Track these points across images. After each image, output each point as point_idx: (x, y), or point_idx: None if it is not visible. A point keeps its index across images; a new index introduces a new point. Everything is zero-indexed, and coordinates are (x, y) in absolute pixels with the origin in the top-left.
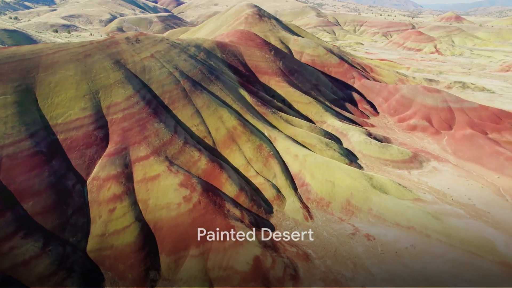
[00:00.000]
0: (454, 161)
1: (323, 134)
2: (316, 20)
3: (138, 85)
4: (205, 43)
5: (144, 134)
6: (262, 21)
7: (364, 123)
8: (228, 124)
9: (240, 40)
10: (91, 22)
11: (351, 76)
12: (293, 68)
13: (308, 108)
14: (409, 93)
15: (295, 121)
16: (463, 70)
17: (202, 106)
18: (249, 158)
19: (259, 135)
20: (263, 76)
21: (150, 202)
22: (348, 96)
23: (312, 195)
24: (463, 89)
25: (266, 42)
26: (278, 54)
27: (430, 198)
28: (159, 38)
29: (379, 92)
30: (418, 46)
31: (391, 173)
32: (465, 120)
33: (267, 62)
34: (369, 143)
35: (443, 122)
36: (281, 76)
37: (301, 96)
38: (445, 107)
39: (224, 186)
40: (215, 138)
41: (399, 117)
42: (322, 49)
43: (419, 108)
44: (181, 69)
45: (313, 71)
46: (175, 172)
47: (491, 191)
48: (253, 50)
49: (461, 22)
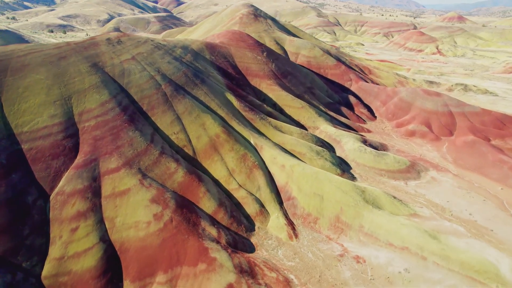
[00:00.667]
0: (455, 170)
1: (314, 141)
2: (316, 20)
3: (115, 89)
4: (193, 44)
5: (117, 143)
6: (257, 21)
7: (360, 129)
8: (211, 131)
9: (231, 41)
10: (89, 22)
11: (348, 78)
12: (286, 70)
13: (301, 113)
14: (408, 96)
15: (285, 127)
16: (465, 72)
17: (183, 112)
18: (232, 169)
19: (244, 143)
20: (254, 78)
21: (117, 220)
22: (344, 99)
23: (298, 210)
24: (465, 91)
25: (259, 43)
26: (271, 55)
27: (428, 213)
28: (143, 39)
29: (377, 95)
30: (420, 47)
31: (386, 184)
32: (467, 125)
33: (259, 64)
34: (363, 151)
35: (443, 128)
36: (273, 79)
37: (293, 100)
38: (445, 111)
39: (201, 201)
40: (195, 147)
41: (397, 121)
42: (319, 50)
43: (418, 113)
44: (164, 72)
45: (308, 73)
46: (147, 186)
47: (494, 205)
48: (244, 52)
49: (464, 22)
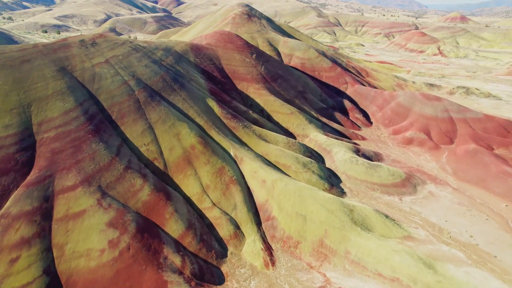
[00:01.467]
0: (455, 183)
1: (302, 151)
2: (316, 20)
3: (82, 96)
4: (177, 46)
5: (77, 157)
6: (250, 22)
7: (353, 136)
8: (186, 142)
9: (219, 42)
10: (85, 23)
11: (344, 81)
12: (276, 73)
13: (289, 120)
14: (406, 101)
15: (271, 136)
16: (467, 74)
17: (156, 121)
18: (206, 185)
19: (223, 155)
20: (241, 82)
21: (67, 248)
22: (339, 104)
23: (278, 232)
24: (467, 95)
25: (248, 44)
26: (261, 57)
27: (423, 236)
28: (121, 41)
29: (374, 99)
30: (421, 48)
31: (378, 200)
32: (468, 132)
33: (247, 67)
34: (355, 163)
35: (443, 135)
36: (262, 83)
37: (282, 105)
38: (445, 117)
39: (167, 223)
40: (167, 160)
41: (394, 128)
42: (314, 51)
43: (416, 119)
44: (139, 77)
45: (301, 76)
46: (106, 207)
47: (497, 225)
48: (232, 54)
49: (466, 23)
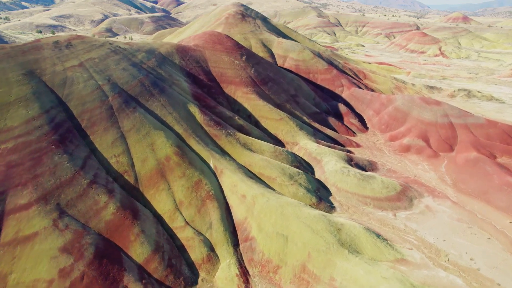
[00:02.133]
0: (454, 196)
1: (290, 161)
2: (316, 20)
3: (50, 102)
4: (162, 47)
5: (35, 171)
6: (244, 22)
7: (347, 143)
8: (161, 153)
9: (207, 43)
10: (82, 23)
11: (340, 84)
12: (267, 76)
13: (278, 126)
14: (404, 105)
15: (256, 144)
16: (469, 75)
17: (130, 129)
18: (180, 201)
19: (201, 167)
20: (228, 86)
21: (11, 278)
22: (334, 108)
23: (256, 254)
24: (468, 98)
25: (238, 45)
26: (251, 59)
27: (418, 258)
28: (99, 42)
29: (370, 103)
30: (422, 48)
31: (371, 216)
32: (470, 139)
33: (235, 70)
34: (346, 174)
35: (442, 142)
36: (250, 86)
37: (271, 111)
38: (445, 123)
39: (132, 245)
40: (139, 173)
41: (391, 134)
42: (309, 52)
43: (414, 124)
44: (115, 81)
45: (294, 79)
46: (62, 229)
47: (501, 246)
48: (220, 56)
49: (468, 23)
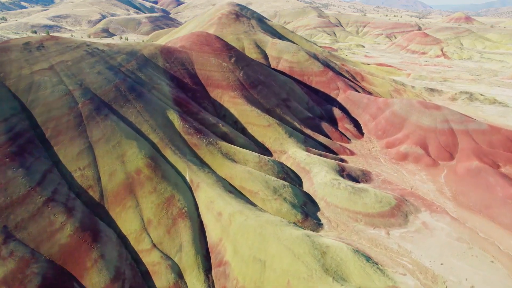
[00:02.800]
0: (454, 211)
1: (276, 172)
2: (316, 21)
3: (10, 110)
4: (145, 49)
5: None
6: (238, 22)
7: (341, 150)
8: (131, 165)
9: (194, 44)
10: (79, 23)
11: (335, 87)
12: (257, 79)
13: (266, 133)
14: (401, 109)
15: (240, 154)
16: (471, 77)
17: (99, 139)
18: (148, 220)
19: (175, 180)
20: (215, 90)
21: None
22: (328, 112)
23: (230, 282)
24: (470, 101)
25: (228, 47)
26: (241, 61)
27: (412, 286)
28: (76, 44)
29: (366, 107)
30: (423, 49)
31: (361, 234)
32: (471, 147)
33: (223, 72)
34: (336, 187)
35: (442, 150)
36: (238, 90)
37: (259, 116)
38: (445, 129)
39: (88, 273)
40: (105, 188)
41: (388, 141)
42: (304, 54)
43: (413, 130)
44: (88, 86)
45: (286, 82)
46: (5, 257)
47: (506, 271)
48: (208, 58)
49: (471, 23)
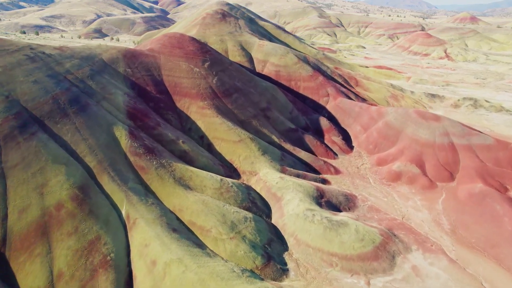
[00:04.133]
0: (452, 249)
1: (239, 200)
2: (316, 21)
3: None
4: (106, 53)
5: None
6: (223, 22)
7: (324, 168)
8: (51, 198)
9: (164, 47)
10: (74, 23)
11: (325, 93)
12: (233, 86)
13: (236, 150)
14: (396, 120)
15: (197, 178)
16: (476, 80)
17: (16, 165)
18: (59, 273)
19: (106, 216)
20: (182, 99)
21: None
22: (314, 123)
23: None
24: (475, 108)
25: (203, 50)
26: (216, 66)
27: None
28: (16, 47)
29: (358, 116)
30: (426, 51)
31: (335, 284)
32: (475, 165)
33: (193, 79)
34: (310, 220)
35: (441, 168)
36: (209, 99)
37: (229, 130)
38: (445, 143)
39: None
40: (10, 230)
41: (379, 156)
42: (292, 57)
43: (408, 144)
44: (18, 98)
45: (268, 89)
46: None
47: None
48: (178, 62)
49: (476, 23)
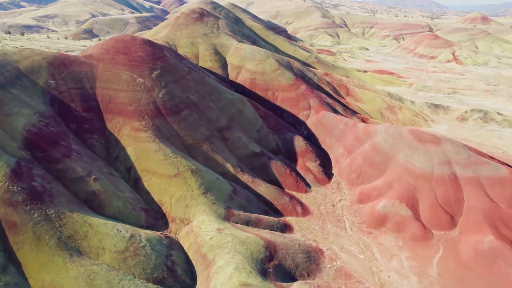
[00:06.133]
0: None
1: (149, 269)
2: (319, 21)
3: None
4: (25, 60)
5: None
6: (199, 22)
7: (289, 208)
8: None
9: (106, 53)
10: (67, 23)
11: (306, 106)
12: (185, 100)
13: (169, 188)
14: (386, 142)
15: (95, 236)
16: (486, 87)
17: None
18: None
19: None
20: (115, 118)
21: None
22: (287, 143)
23: None
24: (484, 122)
25: (155, 56)
26: (167, 75)
27: None
28: None
29: (342, 135)
30: (432, 53)
31: None
32: (483, 206)
33: (134, 92)
34: None
35: (439, 210)
36: (148, 118)
37: (164, 160)
38: (446, 175)
39: None
40: None
41: (362, 190)
42: (272, 62)
43: (398, 175)
44: None
45: (234, 102)
46: None
47: None
48: (118, 71)
49: (488, 24)
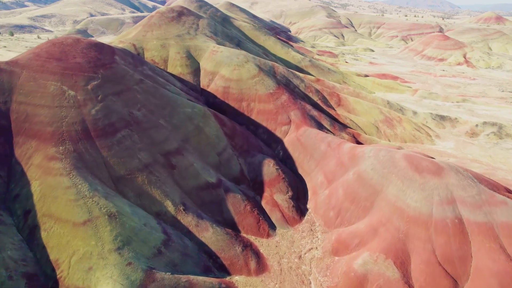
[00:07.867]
0: None
1: None
2: (323, 21)
3: None
4: None
5: None
6: (175, 22)
7: (238, 264)
8: None
9: (36, 59)
10: (64, 23)
11: (286, 120)
12: (125, 117)
13: (71, 241)
14: (375, 171)
15: None
16: (501, 94)
17: None
18: None
19: None
20: (27, 142)
21: None
22: (255, 169)
23: None
24: (499, 138)
25: (100, 62)
26: (109, 86)
27: None
28: None
29: (323, 159)
30: (441, 55)
31: None
32: (497, 269)
33: (59, 108)
34: None
35: (437, 270)
36: (70, 143)
37: (75, 201)
38: (448, 220)
39: None
40: None
41: (340, 236)
42: (252, 67)
43: (387, 217)
44: None
45: (192, 118)
46: None
47: None
48: (45, 82)
49: (503, 24)
